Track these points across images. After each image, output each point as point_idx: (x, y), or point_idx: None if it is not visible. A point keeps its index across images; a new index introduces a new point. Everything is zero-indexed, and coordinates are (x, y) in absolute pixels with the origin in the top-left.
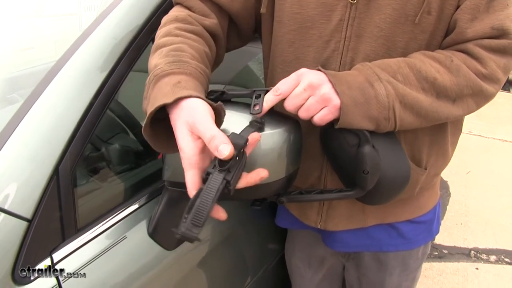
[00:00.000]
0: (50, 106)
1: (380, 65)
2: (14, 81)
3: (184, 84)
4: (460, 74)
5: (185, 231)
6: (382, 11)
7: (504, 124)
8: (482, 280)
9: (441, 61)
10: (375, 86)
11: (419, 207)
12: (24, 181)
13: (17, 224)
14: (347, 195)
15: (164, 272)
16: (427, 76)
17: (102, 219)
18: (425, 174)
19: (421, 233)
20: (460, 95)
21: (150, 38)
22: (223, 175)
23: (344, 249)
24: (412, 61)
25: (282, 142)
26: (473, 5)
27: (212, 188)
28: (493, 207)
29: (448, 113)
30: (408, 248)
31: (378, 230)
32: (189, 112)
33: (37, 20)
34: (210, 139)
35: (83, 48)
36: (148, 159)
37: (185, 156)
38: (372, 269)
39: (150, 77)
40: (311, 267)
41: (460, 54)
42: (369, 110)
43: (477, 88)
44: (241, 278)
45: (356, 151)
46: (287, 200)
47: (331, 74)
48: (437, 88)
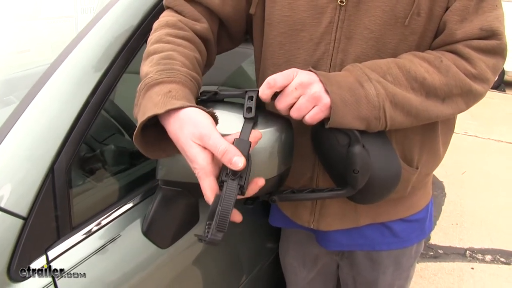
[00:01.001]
0: (46, 106)
1: (370, 66)
2: (10, 83)
3: (175, 93)
4: (449, 74)
5: (211, 237)
6: (371, 13)
7: (500, 124)
8: (477, 280)
9: (430, 61)
10: (365, 86)
11: (412, 206)
12: (20, 180)
13: (12, 222)
14: (338, 194)
15: (159, 271)
16: (416, 76)
17: (97, 217)
18: (417, 173)
19: (414, 231)
20: (450, 94)
21: (144, 39)
22: (236, 181)
23: (337, 248)
24: (402, 62)
25: (273, 141)
26: (462, 6)
27: (229, 195)
28: (488, 207)
29: (438, 112)
30: (401, 246)
31: (371, 229)
32: (193, 124)
33: (33, 23)
34: (223, 153)
35: (78, 49)
36: (142, 158)
37: (199, 167)
38: (365, 268)
39: (141, 85)
40: (305, 265)
41: (450, 54)
42: (359, 109)
43: (466, 88)
44: (236, 276)
45: (346, 150)
46: (279, 199)
47: (322, 74)
48: (426, 88)
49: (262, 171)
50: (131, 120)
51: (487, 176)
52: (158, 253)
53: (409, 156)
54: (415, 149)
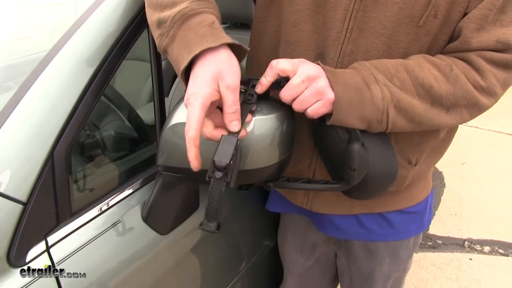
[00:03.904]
0: (45, 91)
1: (378, 66)
2: (10, 69)
3: (217, 25)
4: (457, 84)
5: (204, 226)
6: (387, 8)
7: (500, 116)
8: (475, 270)
9: (440, 68)
10: (371, 88)
11: (411, 198)
12: (20, 165)
13: (12, 207)
14: (332, 187)
15: (158, 257)
16: (423, 82)
17: (97, 203)
18: (415, 170)
19: (412, 223)
20: (455, 104)
21: (145, 24)
22: (223, 178)
23: (334, 234)
24: (411, 66)
25: (275, 128)
26: (481, 15)
27: (215, 192)
28: (487, 198)
29: (441, 121)
30: (398, 238)
31: (368, 219)
32: (229, 68)
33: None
34: (231, 112)
35: (78, 35)
36: (142, 144)
37: (201, 95)
38: (362, 258)
39: (175, 15)
40: (303, 253)
41: (461, 62)
42: (363, 111)
43: (473, 100)
44: (235, 263)
45: (345, 146)
46: (274, 186)
47: (328, 70)
48: (432, 96)
49: (263, 158)
50: (131, 106)
51: (487, 167)
52: (158, 240)
53: (408, 154)
54: (415, 147)
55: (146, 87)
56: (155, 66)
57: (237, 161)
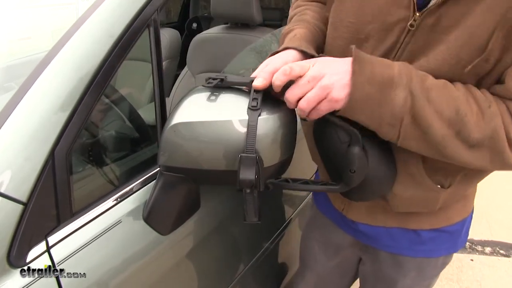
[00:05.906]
0: (46, 91)
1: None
2: (11, 70)
3: (299, 36)
4: (491, 123)
5: (248, 221)
6: (437, 47)
7: None
8: (477, 271)
9: (480, 103)
10: (397, 91)
11: (447, 218)
12: (20, 165)
13: (12, 208)
14: (331, 189)
15: (159, 257)
16: (459, 109)
17: (98, 203)
18: (447, 192)
19: (444, 243)
20: (481, 144)
21: (146, 24)
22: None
23: (363, 240)
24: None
25: (277, 128)
26: None
27: (249, 201)
28: (489, 200)
29: (457, 155)
30: (428, 256)
31: (399, 233)
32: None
33: (34, 10)
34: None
35: (78, 35)
36: (143, 145)
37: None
38: (387, 266)
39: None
40: (326, 252)
41: (502, 104)
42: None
43: (499, 148)
44: (236, 264)
45: (346, 149)
46: (272, 186)
47: (359, 59)
48: (461, 124)
49: (264, 158)
50: (132, 106)
51: None
52: (159, 240)
53: (438, 177)
54: (448, 172)
55: (147, 87)
56: (156, 67)
57: (261, 170)
